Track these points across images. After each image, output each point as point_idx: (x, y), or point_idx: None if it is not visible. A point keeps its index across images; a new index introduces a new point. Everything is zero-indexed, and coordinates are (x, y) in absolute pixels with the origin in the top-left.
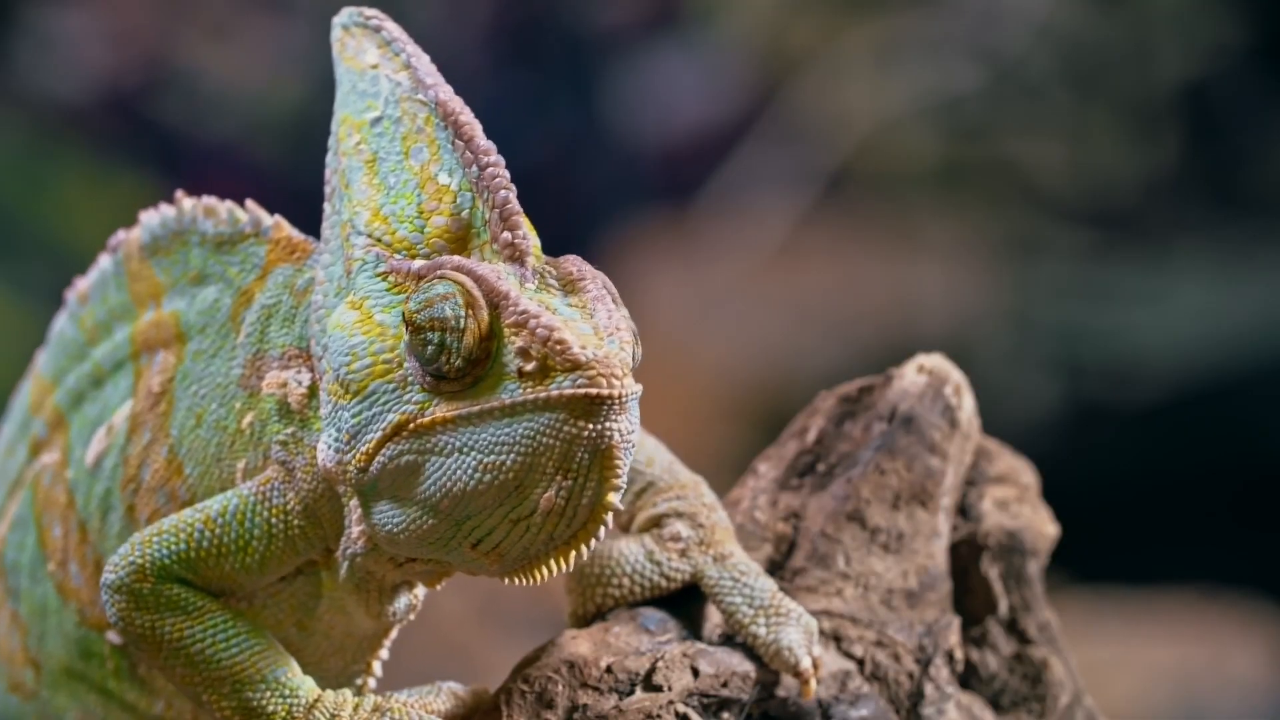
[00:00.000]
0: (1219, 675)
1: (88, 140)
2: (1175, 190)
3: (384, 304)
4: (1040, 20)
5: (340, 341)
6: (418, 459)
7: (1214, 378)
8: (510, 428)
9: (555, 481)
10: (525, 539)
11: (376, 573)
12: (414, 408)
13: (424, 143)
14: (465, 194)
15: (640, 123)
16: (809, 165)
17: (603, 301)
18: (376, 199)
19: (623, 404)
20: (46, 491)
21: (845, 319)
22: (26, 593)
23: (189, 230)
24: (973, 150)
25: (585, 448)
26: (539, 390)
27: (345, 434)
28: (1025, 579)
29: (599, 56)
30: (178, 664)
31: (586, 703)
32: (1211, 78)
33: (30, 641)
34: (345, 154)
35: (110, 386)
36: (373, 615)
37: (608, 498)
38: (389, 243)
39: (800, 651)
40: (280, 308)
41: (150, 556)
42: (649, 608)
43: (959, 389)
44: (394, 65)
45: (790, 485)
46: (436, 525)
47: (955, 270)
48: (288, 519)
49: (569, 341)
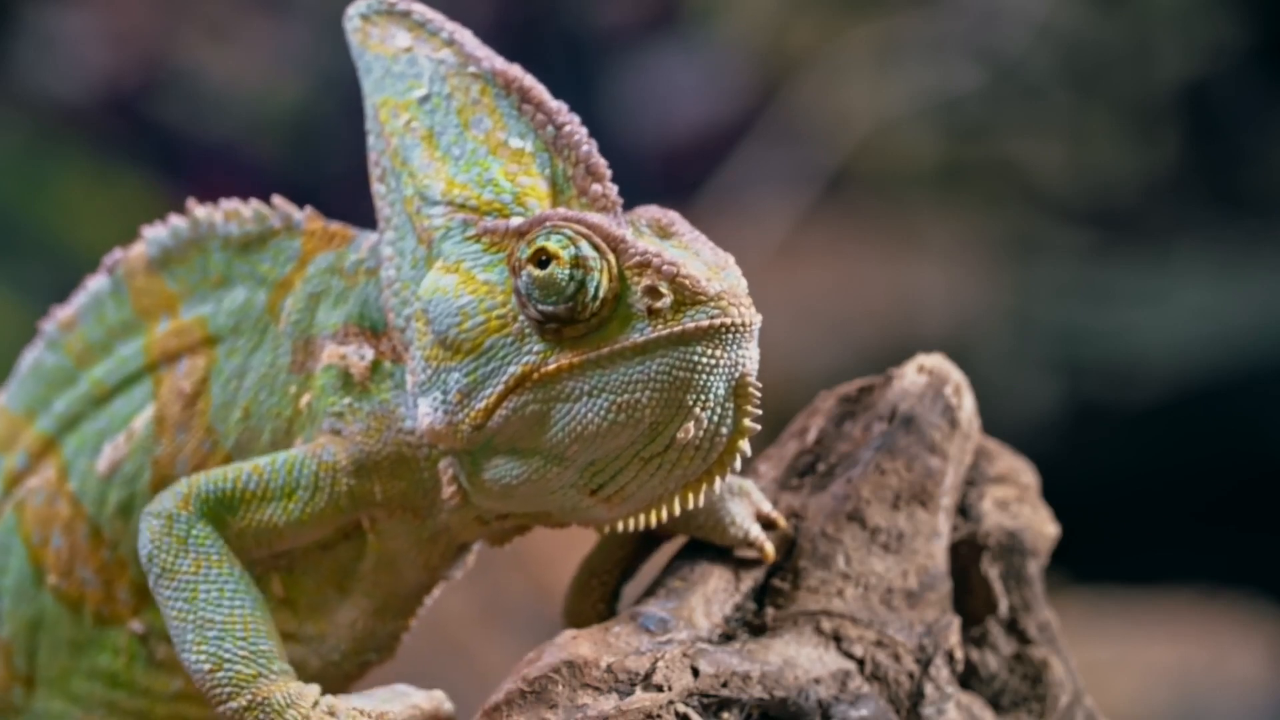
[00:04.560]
0: (1219, 675)
1: (88, 140)
2: (1175, 190)
3: (484, 263)
4: (1040, 20)
5: (444, 305)
6: (543, 407)
7: (1214, 378)
8: (645, 365)
9: (692, 415)
10: (656, 477)
11: (454, 529)
12: (536, 358)
13: (483, 113)
14: (542, 154)
15: (640, 122)
16: (809, 165)
17: (702, 240)
18: (446, 170)
19: (752, 331)
20: (39, 510)
21: (845, 319)
22: (11, 614)
23: (207, 237)
24: (973, 150)
25: (722, 377)
26: (672, 325)
27: (456, 394)
28: (1025, 579)
29: (599, 56)
30: (180, 598)
31: (587, 703)
32: (1211, 78)
33: (18, 661)
34: (394, 134)
35: (121, 400)
36: (428, 570)
37: (745, 424)
38: (475, 207)
39: (746, 522)
40: (330, 291)
41: (197, 488)
42: (649, 608)
43: (959, 389)
44: (432, 45)
45: (790, 485)
46: (560, 473)
47: (955, 270)
48: (335, 475)
49: (696, 276)
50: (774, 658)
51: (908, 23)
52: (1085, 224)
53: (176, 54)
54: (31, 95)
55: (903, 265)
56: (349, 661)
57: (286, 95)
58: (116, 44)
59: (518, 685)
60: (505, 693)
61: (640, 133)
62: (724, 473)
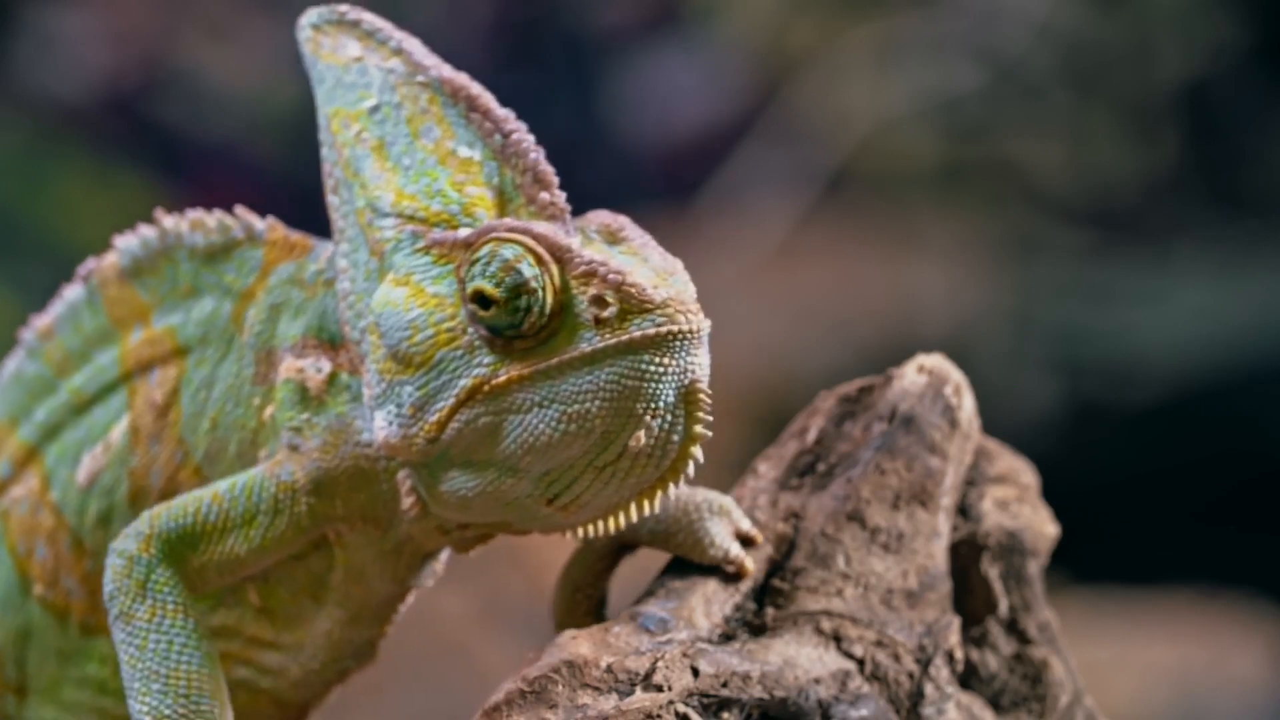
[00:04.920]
0: (1218, 675)
1: (88, 140)
2: (1175, 190)
3: (433, 276)
4: (1040, 20)
5: (394, 318)
6: (495, 420)
7: (1214, 378)
8: (593, 375)
9: (643, 423)
10: (610, 486)
11: (417, 539)
12: (486, 370)
13: (432, 121)
14: (490, 163)
15: (640, 123)
16: (809, 165)
17: (650, 246)
18: (396, 180)
19: (700, 338)
20: (23, 520)
21: (845, 319)
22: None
23: (174, 247)
24: (973, 150)
25: (671, 384)
26: (619, 334)
27: (410, 407)
28: (1025, 579)
29: (599, 56)
30: (132, 643)
31: (587, 702)
32: (1211, 78)
33: (8, 670)
34: (345, 145)
35: (99, 409)
36: (396, 581)
37: (696, 430)
38: (423, 218)
39: (726, 541)
40: (290, 302)
41: (158, 527)
42: (649, 608)
43: (959, 389)
44: (381, 54)
45: (790, 485)
46: (515, 484)
47: (955, 270)
48: (295, 495)
49: (642, 284)
50: (774, 658)
51: (908, 23)
52: (1085, 224)
53: (176, 54)
54: (31, 95)
55: (903, 265)
56: (329, 669)
57: (286, 95)
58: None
59: (517, 685)
60: (505, 693)
61: (640, 133)
62: (677, 479)
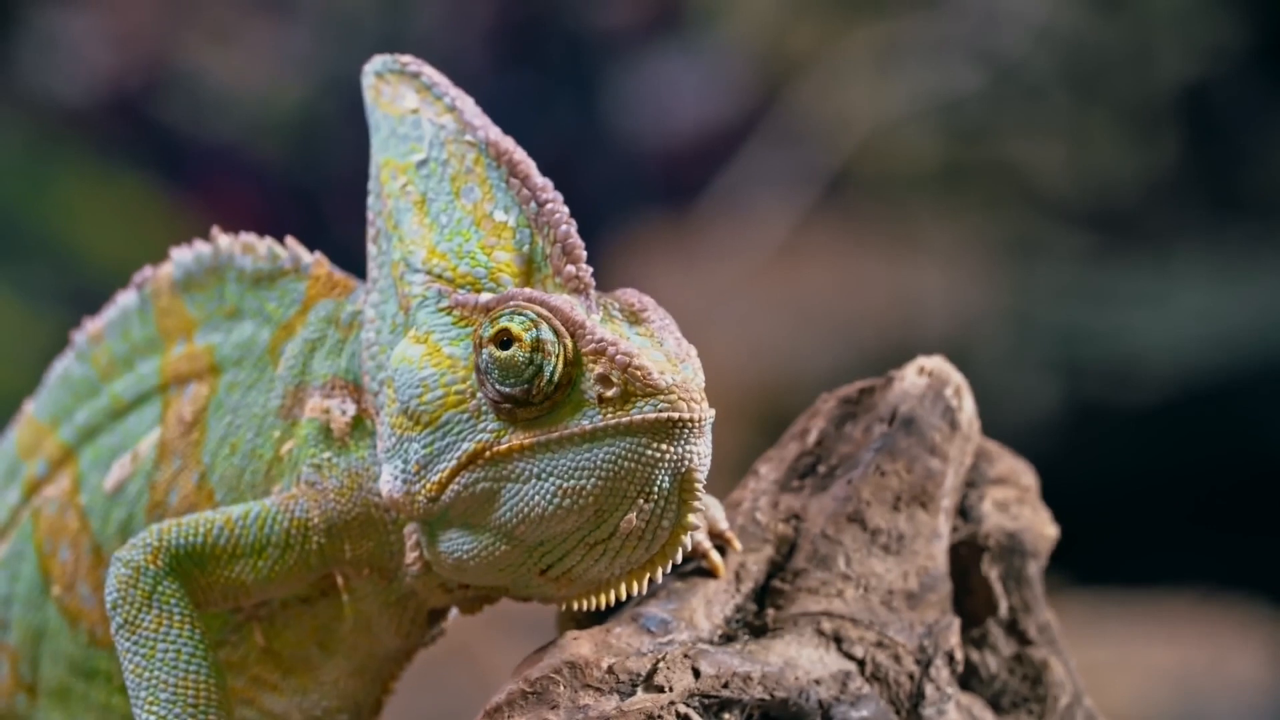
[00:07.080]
0: (1218, 677)
1: (90, 142)
2: (1175, 192)
3: (451, 337)
4: (1040, 22)
5: (408, 375)
6: (493, 486)
7: (1214, 378)
8: (591, 453)
9: (636, 505)
10: (601, 563)
11: (421, 594)
12: (490, 436)
13: (475, 182)
14: (524, 230)
15: (641, 125)
16: (810, 167)
17: (669, 330)
18: (431, 237)
19: (701, 428)
20: (52, 519)
21: (846, 320)
22: (20, 621)
23: (225, 266)
24: (973, 152)
25: (666, 471)
26: (620, 415)
27: (415, 465)
28: (1025, 580)
29: (600, 58)
30: (138, 653)
31: (588, 703)
32: (1211, 79)
33: (22, 668)
34: (390, 195)
35: (134, 417)
36: (401, 635)
37: (687, 519)
38: (450, 278)
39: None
40: (325, 341)
41: (167, 540)
42: (650, 608)
43: (959, 391)
44: (436, 109)
45: (791, 487)
46: (509, 551)
47: (955, 272)
48: (307, 533)
49: (649, 368)
50: (775, 658)
51: (908, 25)
52: (1085, 226)
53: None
54: (34, 97)
55: (903, 267)
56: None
57: (288, 98)
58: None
59: (519, 686)
60: (507, 693)
61: (641, 135)
62: (666, 564)
